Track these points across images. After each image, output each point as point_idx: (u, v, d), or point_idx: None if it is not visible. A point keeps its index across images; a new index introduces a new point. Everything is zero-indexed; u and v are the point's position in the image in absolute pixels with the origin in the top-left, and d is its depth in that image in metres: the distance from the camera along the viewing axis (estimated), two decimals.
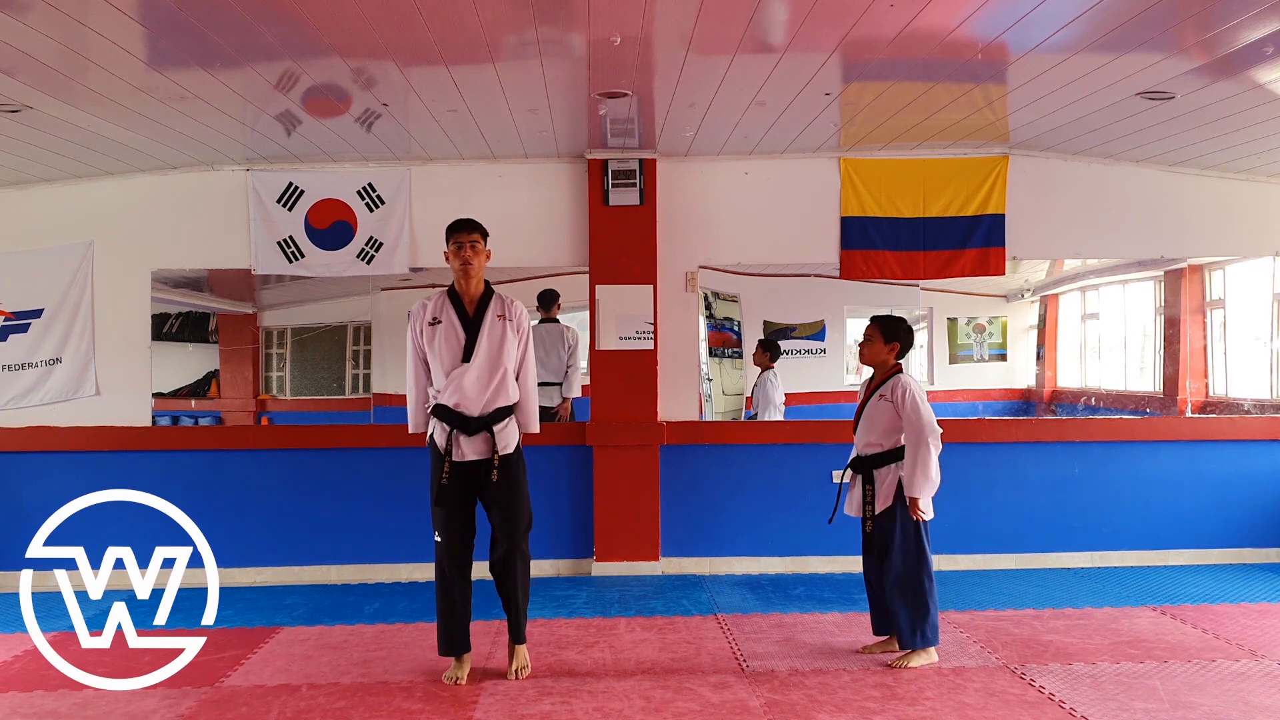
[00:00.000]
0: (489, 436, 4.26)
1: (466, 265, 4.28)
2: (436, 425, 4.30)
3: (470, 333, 4.27)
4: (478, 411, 4.25)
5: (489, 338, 4.27)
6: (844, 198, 6.47)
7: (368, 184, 6.37)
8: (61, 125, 5.11)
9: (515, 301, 4.41)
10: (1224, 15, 3.85)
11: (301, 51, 4.27)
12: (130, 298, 6.37)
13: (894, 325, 4.55)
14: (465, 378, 4.23)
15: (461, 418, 4.24)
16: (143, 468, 6.13)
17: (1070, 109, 5.29)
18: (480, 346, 4.26)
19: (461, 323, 4.29)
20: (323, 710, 4.02)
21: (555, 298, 6.76)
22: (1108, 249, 6.73)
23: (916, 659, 4.45)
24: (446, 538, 4.28)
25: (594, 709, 3.99)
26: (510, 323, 4.33)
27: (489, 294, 4.36)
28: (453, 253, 4.32)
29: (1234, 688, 4.13)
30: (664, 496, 6.36)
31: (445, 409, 4.26)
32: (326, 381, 6.88)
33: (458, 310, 4.31)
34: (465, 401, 4.23)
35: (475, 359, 4.25)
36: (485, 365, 4.26)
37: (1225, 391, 6.89)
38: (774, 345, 7.16)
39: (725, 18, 3.95)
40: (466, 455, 4.25)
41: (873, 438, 4.49)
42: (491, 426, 4.26)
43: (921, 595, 4.43)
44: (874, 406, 4.51)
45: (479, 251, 4.32)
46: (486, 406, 4.26)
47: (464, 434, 4.24)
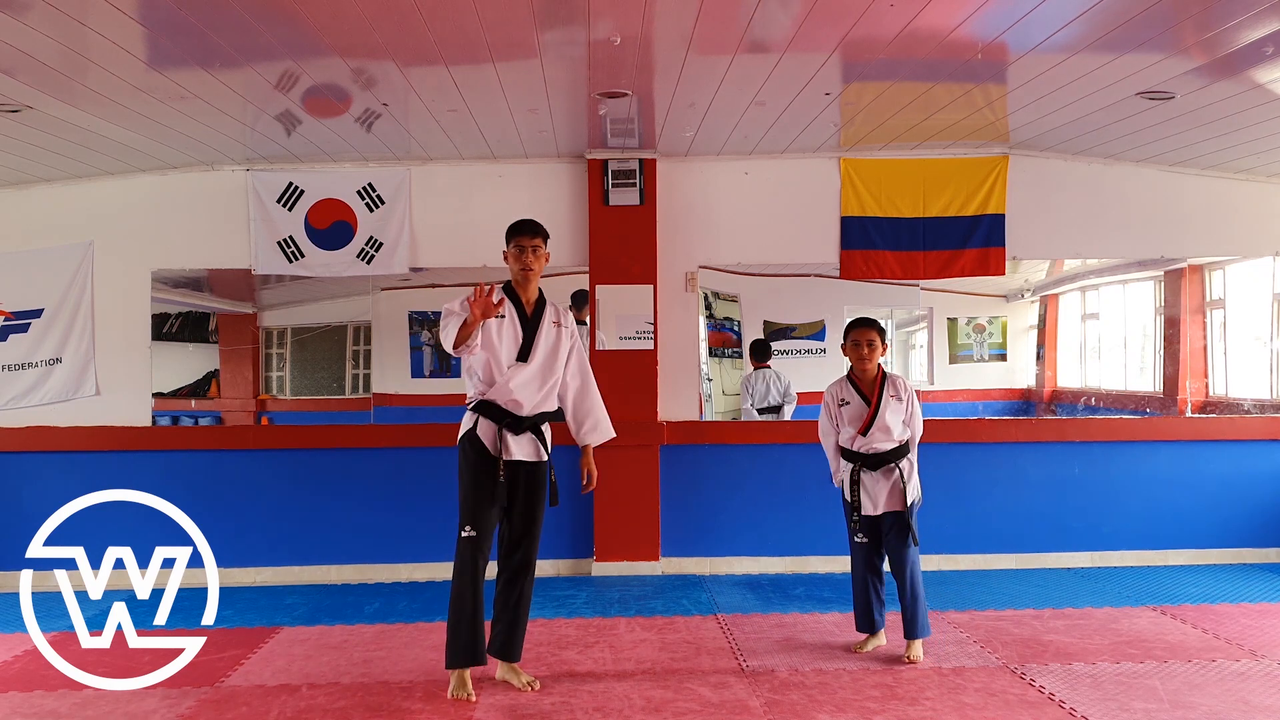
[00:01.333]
0: (534, 439, 4.22)
1: (527, 271, 4.24)
2: (481, 421, 4.20)
3: (528, 333, 4.23)
4: (529, 411, 4.20)
5: (545, 341, 4.24)
6: (844, 198, 6.47)
7: (368, 184, 6.37)
8: (61, 125, 5.11)
9: (566, 310, 4.39)
10: (1224, 15, 3.85)
11: (301, 51, 4.27)
12: (130, 298, 6.37)
13: (883, 328, 4.74)
14: (520, 376, 4.18)
15: (511, 416, 4.18)
16: (143, 468, 6.13)
17: (1070, 109, 5.29)
18: (538, 348, 4.22)
19: (521, 322, 4.24)
20: (323, 710, 4.02)
21: (585, 299, 6.75)
22: (1108, 249, 6.73)
23: (921, 647, 4.55)
24: (481, 533, 4.14)
25: (594, 709, 3.98)
26: (564, 329, 4.30)
27: (544, 299, 4.34)
28: (513, 255, 4.25)
29: (1234, 688, 4.13)
30: (664, 496, 6.36)
31: (493, 406, 4.18)
32: (326, 381, 6.88)
33: (518, 309, 4.26)
34: (518, 399, 4.17)
35: (533, 360, 4.21)
36: (541, 367, 4.23)
37: (1225, 391, 6.89)
38: (756, 346, 7.17)
39: (725, 18, 3.95)
40: (514, 455, 4.18)
41: (894, 435, 4.60)
42: (539, 427, 4.24)
43: (922, 585, 4.58)
44: (888, 407, 4.60)
45: (540, 256, 4.26)
46: (536, 408, 4.22)
47: (512, 433, 4.18)
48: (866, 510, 4.60)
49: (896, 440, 4.60)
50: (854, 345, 4.65)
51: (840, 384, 4.74)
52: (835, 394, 4.73)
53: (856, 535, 4.64)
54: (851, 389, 4.68)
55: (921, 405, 4.73)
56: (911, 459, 4.65)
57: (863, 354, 4.62)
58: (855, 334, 4.65)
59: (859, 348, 4.63)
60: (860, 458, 4.61)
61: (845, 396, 4.68)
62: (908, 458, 4.63)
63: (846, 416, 4.67)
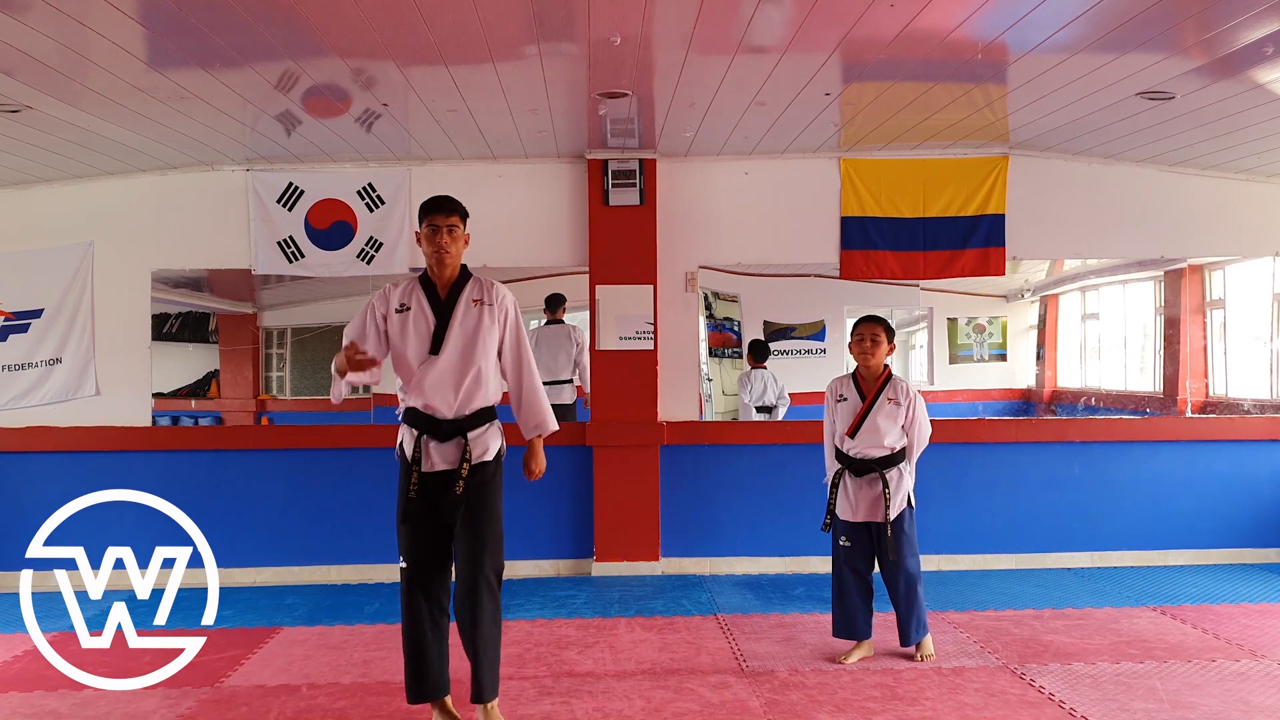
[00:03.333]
0: (463, 443, 3.67)
1: (441, 253, 3.68)
2: (405, 431, 3.75)
3: (441, 320, 3.70)
4: (451, 414, 3.67)
5: (462, 325, 3.69)
6: (844, 198, 6.47)
7: (368, 184, 6.37)
8: (61, 125, 5.11)
9: (497, 284, 3.80)
10: (1224, 15, 3.85)
11: (301, 51, 4.27)
12: (130, 298, 6.37)
13: (890, 326, 4.64)
14: (433, 372, 3.66)
15: (431, 421, 3.67)
16: (143, 468, 6.13)
17: (1070, 109, 5.29)
18: (451, 335, 3.67)
19: (432, 308, 3.71)
20: (323, 710, 4.02)
21: (561, 301, 6.75)
22: (1108, 249, 6.73)
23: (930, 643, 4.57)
24: (415, 561, 3.70)
25: (594, 709, 3.98)
26: (490, 308, 3.72)
27: (465, 277, 3.77)
28: (425, 237, 3.70)
29: (1234, 688, 4.13)
30: (664, 497, 6.36)
31: (414, 412, 3.70)
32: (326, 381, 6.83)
33: (429, 296, 3.73)
34: (435, 401, 3.66)
35: (445, 349, 3.66)
36: (457, 357, 3.67)
37: (1225, 391, 6.89)
38: (755, 346, 7.18)
39: (725, 18, 3.95)
40: (437, 465, 3.68)
41: (887, 440, 4.50)
42: (466, 432, 3.68)
43: (920, 590, 4.55)
44: (882, 409, 4.51)
45: (457, 238, 3.72)
46: (461, 408, 3.67)
47: (434, 440, 3.67)
48: (843, 514, 4.56)
49: (887, 448, 4.49)
50: (857, 340, 4.58)
51: (843, 379, 4.66)
52: (835, 389, 4.66)
53: (840, 539, 4.57)
54: (852, 386, 4.60)
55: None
56: (903, 469, 4.53)
57: (865, 348, 4.55)
58: (859, 329, 4.59)
59: (862, 342, 4.56)
60: (846, 460, 4.55)
61: (844, 392, 4.61)
62: (897, 468, 4.50)
63: (841, 413, 4.60)
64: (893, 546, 4.42)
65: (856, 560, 4.57)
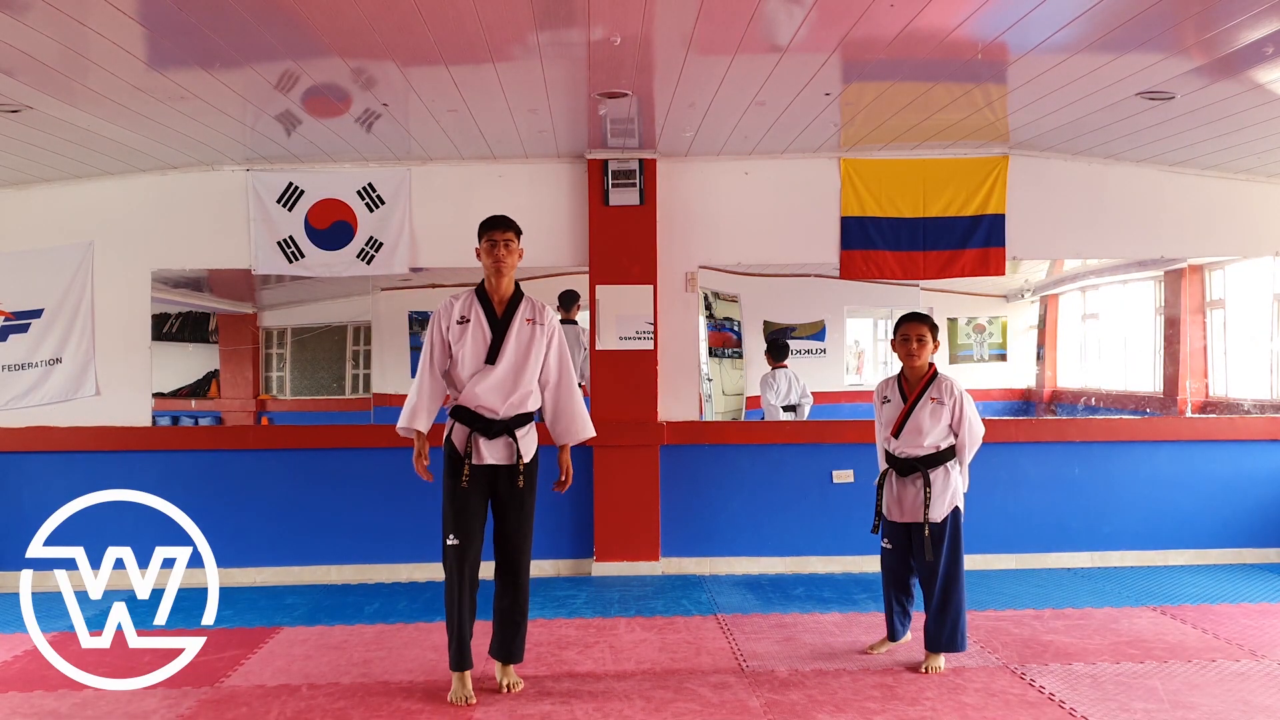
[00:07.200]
0: (510, 441, 4.15)
1: (499, 264, 4.16)
2: (455, 426, 4.18)
3: (498, 334, 4.16)
4: (500, 415, 4.14)
5: (517, 340, 4.17)
6: (844, 198, 6.47)
7: (368, 184, 6.37)
8: (61, 125, 5.11)
9: (546, 306, 4.29)
10: (1224, 15, 3.85)
11: (301, 51, 4.27)
12: (130, 298, 6.37)
13: (935, 323, 4.51)
14: (488, 380, 4.12)
15: (482, 420, 4.14)
16: (142, 468, 6.13)
17: (1070, 109, 5.29)
18: (507, 349, 4.15)
19: (490, 323, 4.18)
20: (323, 710, 4.02)
21: (575, 299, 6.72)
22: (1108, 249, 6.73)
23: (942, 660, 4.43)
24: (463, 541, 4.12)
25: (594, 709, 3.99)
26: (540, 327, 4.21)
27: (519, 296, 4.26)
28: (485, 250, 4.20)
29: (1234, 688, 4.13)
30: (664, 496, 6.36)
31: (465, 410, 4.15)
32: (326, 381, 6.87)
33: (486, 310, 4.19)
34: (487, 404, 4.12)
35: (501, 361, 4.14)
36: (511, 369, 4.16)
37: (1225, 392, 6.89)
38: (775, 346, 7.16)
39: (725, 18, 3.95)
40: (485, 459, 4.14)
41: (930, 440, 4.41)
42: (514, 431, 4.16)
43: (963, 596, 4.42)
44: (924, 408, 4.42)
45: (512, 250, 4.21)
46: (509, 411, 4.15)
47: (484, 437, 4.13)
48: (888, 514, 4.50)
49: (930, 447, 4.40)
50: (902, 340, 4.46)
51: (888, 381, 4.58)
52: (880, 390, 4.59)
53: (883, 541, 4.54)
54: (895, 387, 4.51)
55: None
56: (949, 468, 4.42)
57: (911, 349, 4.43)
58: (904, 329, 4.47)
59: (907, 343, 4.44)
60: (892, 460, 4.50)
61: (888, 394, 4.53)
62: (944, 466, 4.42)
63: (885, 415, 4.53)
64: (928, 547, 4.34)
65: (895, 563, 4.53)
